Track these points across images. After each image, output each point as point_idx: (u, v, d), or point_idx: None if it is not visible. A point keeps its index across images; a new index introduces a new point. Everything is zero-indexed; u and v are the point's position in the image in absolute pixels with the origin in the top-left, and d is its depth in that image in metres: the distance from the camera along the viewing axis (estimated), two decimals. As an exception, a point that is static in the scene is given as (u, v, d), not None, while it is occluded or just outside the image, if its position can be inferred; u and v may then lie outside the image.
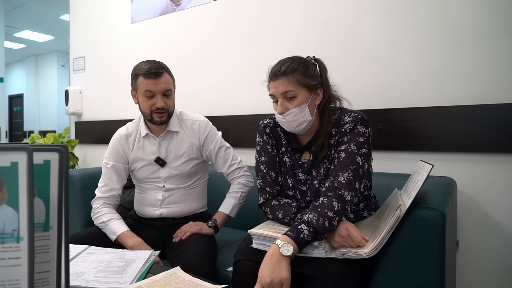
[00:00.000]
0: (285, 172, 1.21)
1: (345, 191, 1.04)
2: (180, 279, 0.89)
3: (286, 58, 1.15)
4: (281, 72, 1.10)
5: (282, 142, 1.24)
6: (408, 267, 0.95)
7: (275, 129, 1.25)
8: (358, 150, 1.07)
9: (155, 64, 1.40)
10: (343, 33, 1.71)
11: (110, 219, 1.39)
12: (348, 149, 1.08)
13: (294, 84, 1.09)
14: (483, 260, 1.41)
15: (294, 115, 1.10)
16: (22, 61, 9.92)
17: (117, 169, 1.49)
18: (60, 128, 7.88)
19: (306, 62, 1.14)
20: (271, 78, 1.14)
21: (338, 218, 1.02)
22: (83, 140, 2.99)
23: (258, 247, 1.06)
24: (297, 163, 1.19)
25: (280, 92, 1.11)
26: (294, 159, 1.20)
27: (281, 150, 1.24)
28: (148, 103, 1.39)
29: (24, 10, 6.29)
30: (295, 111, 1.10)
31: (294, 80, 1.09)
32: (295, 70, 1.10)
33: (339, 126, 1.12)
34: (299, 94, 1.10)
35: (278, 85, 1.11)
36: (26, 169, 0.44)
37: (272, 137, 1.25)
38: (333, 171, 1.08)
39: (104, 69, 2.84)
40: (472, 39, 1.42)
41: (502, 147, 1.35)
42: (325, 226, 1.00)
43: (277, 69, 1.12)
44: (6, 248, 0.44)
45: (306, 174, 1.17)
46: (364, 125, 1.10)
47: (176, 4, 2.35)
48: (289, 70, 1.10)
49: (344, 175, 1.05)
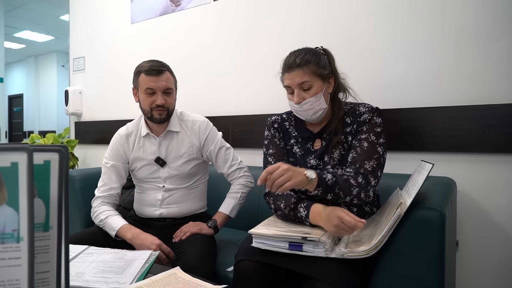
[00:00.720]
0: (294, 162, 1.24)
1: (371, 177, 1.10)
2: (180, 279, 0.89)
3: (298, 50, 1.20)
4: (296, 64, 1.15)
5: (292, 134, 1.28)
6: (407, 267, 0.96)
7: (283, 124, 1.31)
8: (377, 139, 1.14)
9: (157, 63, 1.42)
10: (342, 33, 1.71)
11: (108, 216, 1.39)
12: (368, 138, 1.14)
13: (310, 74, 1.14)
14: (482, 260, 1.41)
15: (311, 104, 1.16)
16: (22, 61, 9.92)
17: (117, 169, 1.49)
18: (60, 128, 7.88)
19: (318, 53, 1.19)
20: (286, 70, 1.18)
21: (358, 189, 1.07)
22: (83, 140, 2.99)
23: (258, 246, 1.06)
24: (309, 150, 1.23)
25: (297, 83, 1.16)
26: (305, 148, 1.24)
27: (290, 142, 1.28)
28: (148, 100, 1.40)
29: (24, 10, 6.29)
30: (311, 100, 1.15)
31: (309, 71, 1.14)
32: (309, 62, 1.15)
33: (355, 115, 1.18)
34: (314, 84, 1.15)
35: (294, 76, 1.16)
36: (26, 170, 0.44)
37: (280, 131, 1.30)
38: (357, 159, 1.12)
39: (104, 69, 2.84)
40: (471, 39, 1.42)
41: (502, 147, 1.35)
42: (345, 184, 1.05)
43: (292, 61, 1.16)
44: (6, 248, 0.44)
45: (318, 160, 1.21)
46: (379, 116, 1.18)
47: (176, 4, 2.35)
48: (304, 62, 1.14)
49: (369, 163, 1.11)
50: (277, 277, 1.10)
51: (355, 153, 1.14)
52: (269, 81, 1.96)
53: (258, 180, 1.00)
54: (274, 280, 1.10)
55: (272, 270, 1.07)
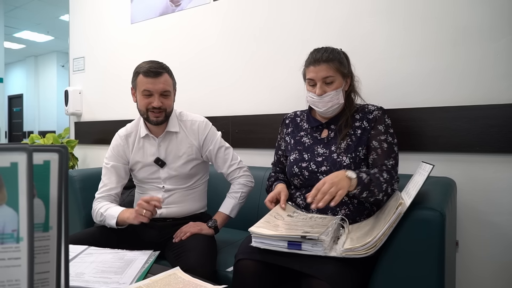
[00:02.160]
0: (302, 150, 1.33)
1: (393, 172, 1.19)
2: (180, 279, 0.89)
3: (324, 47, 1.29)
4: (323, 59, 1.24)
5: (302, 127, 1.38)
6: (407, 267, 0.95)
7: (295, 119, 1.42)
8: (393, 139, 1.24)
9: (156, 64, 1.41)
10: (344, 34, 1.71)
11: (107, 208, 1.38)
12: (387, 139, 1.23)
13: (334, 70, 1.24)
14: (482, 260, 1.41)
15: (331, 97, 1.25)
16: (22, 62, 9.92)
17: (117, 170, 1.49)
18: (59, 128, 7.88)
19: (340, 53, 1.30)
20: (312, 63, 1.26)
21: (386, 184, 1.13)
22: (83, 140, 2.98)
23: (257, 245, 1.06)
24: (317, 139, 1.33)
25: (321, 76, 1.24)
26: (314, 137, 1.34)
27: (300, 134, 1.38)
28: (145, 102, 1.40)
29: (24, 11, 6.29)
30: (332, 93, 1.24)
31: (333, 67, 1.24)
32: (334, 59, 1.25)
33: (364, 112, 1.28)
34: (336, 79, 1.25)
35: (319, 70, 1.24)
36: (26, 170, 0.44)
37: (291, 126, 1.42)
38: (378, 160, 1.22)
39: (103, 70, 2.84)
40: (471, 40, 1.42)
41: (502, 147, 1.35)
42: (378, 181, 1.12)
43: (319, 56, 1.25)
44: (6, 249, 0.44)
45: (324, 148, 1.29)
46: (388, 116, 1.27)
47: (176, 4, 2.35)
48: (330, 58, 1.24)
49: (389, 162, 1.21)
50: (276, 276, 1.10)
51: (376, 154, 1.22)
52: (269, 80, 1.96)
53: (308, 198, 1.06)
54: (274, 279, 1.10)
55: (272, 269, 1.07)
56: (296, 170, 1.29)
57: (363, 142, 1.25)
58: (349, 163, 1.22)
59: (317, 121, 1.35)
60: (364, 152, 1.24)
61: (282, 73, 1.90)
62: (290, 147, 1.37)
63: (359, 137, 1.25)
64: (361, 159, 1.24)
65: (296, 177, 1.30)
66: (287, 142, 1.40)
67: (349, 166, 1.21)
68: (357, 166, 1.22)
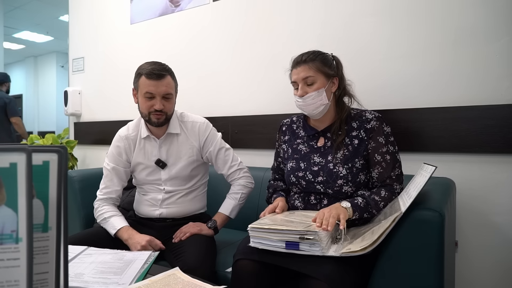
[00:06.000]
0: (298, 158, 1.31)
1: (397, 184, 1.20)
2: (179, 280, 0.89)
3: (308, 51, 1.29)
4: (302, 60, 1.25)
5: (299, 134, 1.36)
6: (406, 267, 0.95)
7: (291, 126, 1.40)
8: (394, 148, 1.23)
9: (159, 66, 1.40)
10: (340, 34, 1.71)
11: (112, 216, 1.41)
12: (389, 150, 1.22)
13: (314, 70, 1.23)
14: (482, 260, 1.42)
15: (313, 98, 1.23)
16: (21, 62, 9.90)
17: (118, 172, 1.49)
18: (59, 128, 7.87)
19: (325, 54, 1.29)
20: (294, 66, 1.29)
21: (384, 203, 1.16)
22: (82, 141, 2.98)
23: (255, 245, 1.06)
24: (313, 148, 1.31)
25: (301, 78, 1.24)
26: (310, 145, 1.32)
27: (297, 141, 1.35)
28: (147, 104, 1.39)
29: (23, 11, 6.28)
30: (313, 94, 1.23)
31: (314, 67, 1.24)
32: (315, 59, 1.25)
33: (361, 121, 1.25)
34: (317, 79, 1.24)
35: (299, 71, 1.25)
36: (25, 170, 0.44)
37: (288, 133, 1.40)
38: (384, 174, 1.21)
39: (103, 70, 2.84)
40: (471, 40, 1.42)
41: (501, 148, 1.35)
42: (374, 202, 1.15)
43: (299, 58, 1.27)
44: (5, 249, 0.44)
45: (321, 157, 1.27)
46: (387, 124, 1.25)
47: (176, 5, 2.35)
48: (309, 59, 1.25)
49: (395, 172, 1.21)
50: (275, 276, 1.10)
51: (382, 168, 1.21)
52: (269, 81, 1.96)
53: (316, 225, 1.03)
54: (272, 279, 1.10)
55: (270, 269, 1.07)
56: (294, 180, 1.28)
57: (360, 153, 1.22)
58: (346, 173, 1.20)
59: (313, 129, 1.32)
60: (361, 163, 1.21)
61: (281, 74, 1.89)
62: (287, 155, 1.36)
63: (356, 148, 1.23)
64: (359, 169, 1.21)
65: (294, 186, 1.30)
66: (284, 150, 1.38)
67: (345, 177, 1.19)
68: (354, 177, 1.20)
